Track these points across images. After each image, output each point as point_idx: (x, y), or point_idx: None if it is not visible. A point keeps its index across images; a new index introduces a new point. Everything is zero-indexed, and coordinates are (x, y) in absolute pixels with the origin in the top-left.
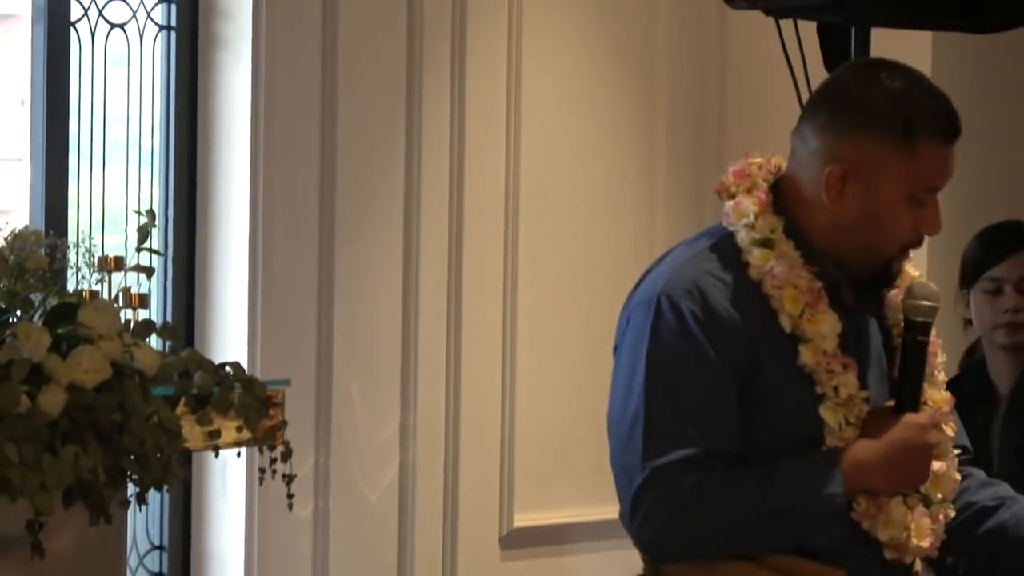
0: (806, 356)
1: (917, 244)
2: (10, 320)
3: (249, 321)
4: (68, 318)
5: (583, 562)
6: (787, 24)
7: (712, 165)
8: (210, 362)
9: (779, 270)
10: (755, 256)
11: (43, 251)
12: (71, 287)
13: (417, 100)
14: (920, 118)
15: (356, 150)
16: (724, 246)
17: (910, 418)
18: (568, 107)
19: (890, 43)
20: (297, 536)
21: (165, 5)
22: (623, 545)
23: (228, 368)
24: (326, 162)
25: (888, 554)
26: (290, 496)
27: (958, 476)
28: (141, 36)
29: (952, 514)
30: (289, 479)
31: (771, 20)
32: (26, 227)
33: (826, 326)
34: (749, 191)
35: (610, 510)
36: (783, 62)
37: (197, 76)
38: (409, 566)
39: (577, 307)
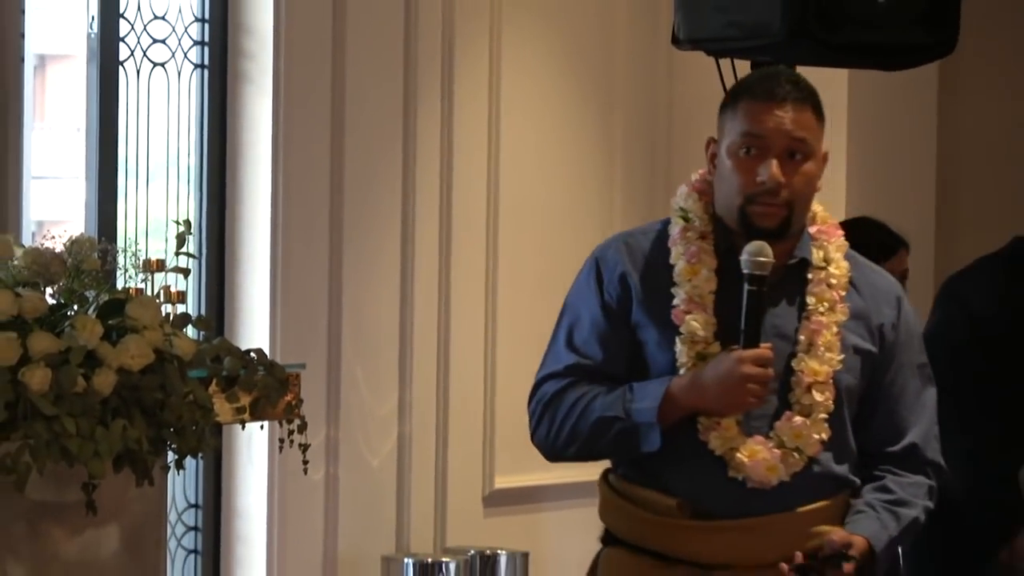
0: (675, 299)
1: (762, 194)
2: (68, 313)
3: (270, 314)
4: (117, 311)
5: (553, 518)
6: (725, 62)
7: (661, 184)
8: (237, 349)
9: (674, 232)
10: (672, 224)
11: (96, 255)
12: (120, 285)
13: (412, 128)
14: (742, 89)
15: (361, 169)
16: (666, 224)
17: (730, 352)
18: (539, 136)
19: (812, 79)
20: (311, 496)
21: (199, 47)
22: (587, 504)
23: (253, 354)
24: (335, 179)
25: (731, 472)
26: (305, 462)
27: (818, 437)
28: (179, 73)
29: (800, 464)
30: (304, 448)
31: (712, 59)
32: (82, 235)
33: (698, 278)
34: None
35: (575, 474)
36: (722, 95)
37: (226, 107)
38: (406, 522)
39: (546, 302)
